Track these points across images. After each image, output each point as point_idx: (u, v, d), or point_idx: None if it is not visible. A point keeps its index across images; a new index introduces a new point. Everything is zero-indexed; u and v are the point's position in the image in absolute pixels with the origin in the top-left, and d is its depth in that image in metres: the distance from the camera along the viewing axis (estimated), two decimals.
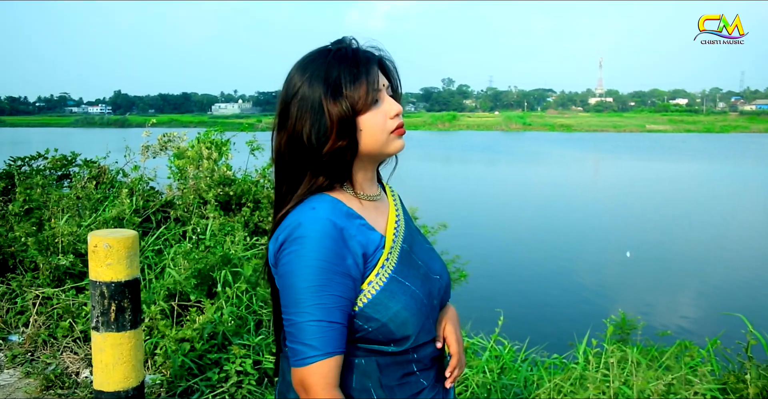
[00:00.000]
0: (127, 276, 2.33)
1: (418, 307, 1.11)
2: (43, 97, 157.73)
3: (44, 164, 5.59)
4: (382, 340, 1.10)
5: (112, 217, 4.43)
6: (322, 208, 1.08)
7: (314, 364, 1.02)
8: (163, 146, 5.34)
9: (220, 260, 3.56)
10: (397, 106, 1.15)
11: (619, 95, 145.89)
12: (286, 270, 1.06)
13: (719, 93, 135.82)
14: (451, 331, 1.22)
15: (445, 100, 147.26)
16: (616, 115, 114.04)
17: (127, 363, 2.38)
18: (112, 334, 2.33)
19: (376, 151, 1.14)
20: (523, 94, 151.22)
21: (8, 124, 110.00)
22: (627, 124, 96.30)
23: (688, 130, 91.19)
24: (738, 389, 2.61)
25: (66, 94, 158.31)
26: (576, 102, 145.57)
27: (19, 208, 4.36)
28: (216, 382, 2.89)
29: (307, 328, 1.02)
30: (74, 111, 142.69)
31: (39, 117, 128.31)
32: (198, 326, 3.07)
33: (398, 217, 1.23)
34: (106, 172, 5.48)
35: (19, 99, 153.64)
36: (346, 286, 1.05)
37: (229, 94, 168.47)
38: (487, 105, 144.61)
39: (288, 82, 1.13)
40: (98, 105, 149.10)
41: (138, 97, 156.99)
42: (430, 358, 1.18)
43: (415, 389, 1.15)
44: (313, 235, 1.04)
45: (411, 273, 1.14)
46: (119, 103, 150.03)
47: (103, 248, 2.28)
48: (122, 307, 2.33)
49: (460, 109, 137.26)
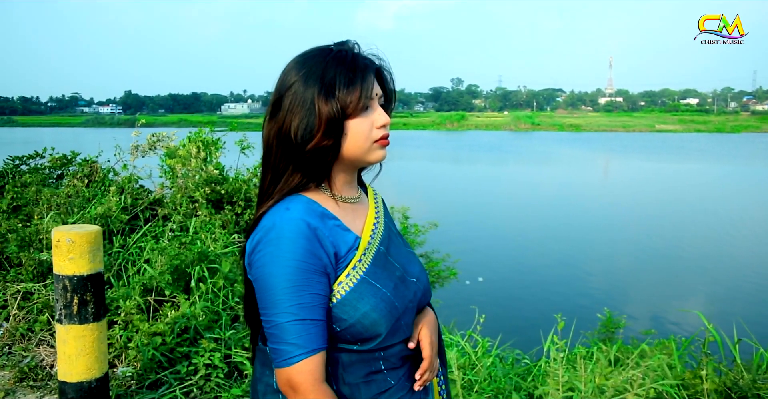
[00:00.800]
0: (89, 270, 2.40)
1: (388, 309, 1.11)
2: (55, 97, 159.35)
3: (44, 163, 5.71)
4: (350, 339, 1.11)
5: (99, 214, 4.51)
6: (296, 209, 1.10)
7: (301, 362, 1.03)
8: (152, 145, 5.42)
9: (197, 257, 3.63)
10: (385, 117, 1.16)
11: (629, 95, 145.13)
12: (263, 272, 1.06)
13: (731, 92, 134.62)
14: (426, 334, 1.22)
15: (454, 99, 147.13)
16: (626, 115, 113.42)
17: (90, 355, 2.45)
18: (74, 327, 2.40)
19: (357, 157, 1.16)
20: (533, 93, 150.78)
21: (21, 124, 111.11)
22: (636, 124, 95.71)
23: (698, 130, 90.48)
24: (693, 384, 2.64)
25: (77, 95, 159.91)
26: (585, 102, 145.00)
27: (7, 206, 4.46)
28: (185, 375, 2.95)
29: (290, 327, 1.03)
30: (85, 111, 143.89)
31: (51, 117, 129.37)
32: (170, 320, 3.14)
33: (377, 219, 1.24)
34: (98, 171, 5.57)
35: (32, 99, 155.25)
36: (324, 283, 1.07)
37: (238, 94, 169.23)
38: (496, 105, 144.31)
39: (284, 75, 1.14)
40: (109, 105, 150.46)
41: (148, 97, 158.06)
42: (398, 357, 1.18)
43: (382, 387, 1.15)
44: (288, 235, 1.06)
45: (384, 275, 1.15)
46: (129, 103, 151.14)
47: (66, 243, 2.35)
48: (85, 300, 2.40)
49: (470, 108, 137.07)
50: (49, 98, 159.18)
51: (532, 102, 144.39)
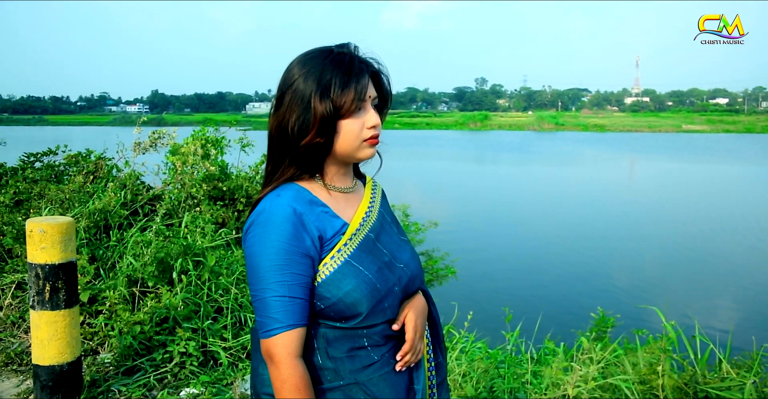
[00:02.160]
0: (61, 259, 2.52)
1: (369, 290, 1.19)
2: (84, 97, 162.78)
3: (57, 160, 5.94)
4: (333, 316, 1.20)
5: (98, 209, 4.67)
6: (286, 196, 1.20)
7: (278, 335, 1.13)
8: (153, 143, 5.58)
9: (182, 250, 3.76)
10: (376, 119, 1.24)
11: (656, 95, 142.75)
12: (251, 251, 1.17)
13: (762, 92, 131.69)
14: (411, 318, 1.29)
15: (478, 99, 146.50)
16: (653, 115, 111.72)
17: (62, 339, 2.58)
18: (46, 313, 2.53)
19: (347, 154, 1.25)
20: (558, 93, 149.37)
21: (51, 123, 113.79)
22: (662, 125, 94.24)
23: (727, 131, 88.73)
24: (650, 380, 2.68)
25: (106, 94, 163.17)
26: (611, 102, 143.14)
27: (9, 200, 4.64)
28: (160, 362, 3.07)
29: (272, 302, 1.14)
30: (113, 110, 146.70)
31: (80, 116, 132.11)
32: (149, 310, 3.26)
33: (370, 209, 1.33)
34: (102, 168, 5.76)
35: (62, 99, 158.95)
36: (306, 264, 1.17)
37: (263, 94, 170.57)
38: (520, 105, 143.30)
39: (288, 72, 1.23)
40: (136, 104, 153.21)
41: (174, 96, 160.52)
42: (381, 335, 1.25)
43: (365, 362, 1.23)
44: (275, 219, 1.16)
45: (369, 259, 1.23)
46: (156, 102, 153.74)
47: (38, 233, 2.48)
48: (56, 287, 2.53)
49: (494, 108, 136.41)
50: (79, 98, 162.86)
51: (557, 102, 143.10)
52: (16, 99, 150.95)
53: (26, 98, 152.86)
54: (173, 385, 2.96)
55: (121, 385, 2.89)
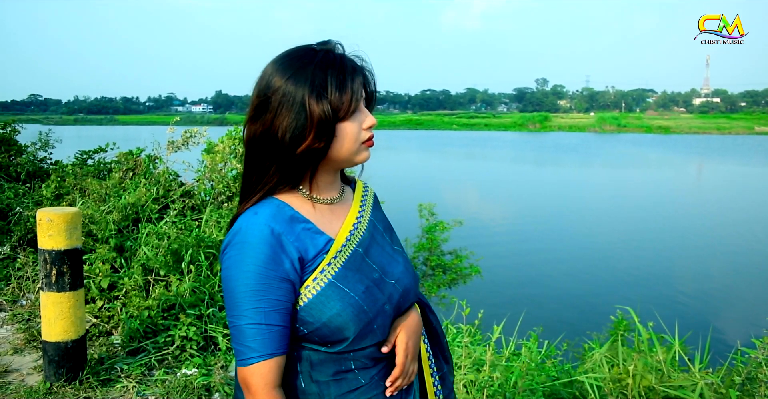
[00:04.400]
0: (66, 246, 2.79)
1: (355, 313, 1.10)
2: (153, 97, 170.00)
3: (111, 158, 6.38)
4: (318, 341, 1.12)
5: (130, 203, 5.01)
6: (264, 214, 1.10)
7: (254, 364, 1.05)
8: (185, 141, 5.90)
9: (195, 242, 4.01)
10: (372, 119, 1.18)
11: (727, 95, 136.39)
12: (226, 274, 1.08)
13: None
14: (402, 339, 1.20)
15: (538, 100, 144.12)
16: (723, 117, 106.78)
17: (67, 319, 2.84)
18: (53, 294, 2.80)
19: (345, 158, 1.16)
20: (621, 94, 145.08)
21: (121, 123, 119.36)
22: (733, 126, 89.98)
23: None
24: (620, 379, 2.71)
25: (172, 95, 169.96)
26: (678, 103, 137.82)
27: (51, 193, 5.04)
28: (163, 344, 3.31)
29: (247, 330, 1.05)
30: (179, 110, 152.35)
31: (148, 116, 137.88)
32: (157, 296, 3.52)
33: (359, 220, 1.23)
34: (141, 164, 6.13)
35: (132, 99, 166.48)
36: (284, 289, 1.07)
37: None
38: (582, 106, 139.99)
39: (268, 76, 1.13)
40: (201, 104, 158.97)
41: (237, 96, 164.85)
42: (370, 357, 1.17)
43: (353, 386, 1.15)
44: (251, 240, 1.07)
45: (356, 278, 1.14)
46: (219, 102, 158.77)
47: (46, 221, 2.75)
48: (62, 271, 2.79)
49: (554, 109, 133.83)
50: (147, 98, 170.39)
51: (620, 103, 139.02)
52: (90, 100, 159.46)
53: (99, 99, 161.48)
54: (172, 366, 3.19)
55: (125, 364, 3.14)
